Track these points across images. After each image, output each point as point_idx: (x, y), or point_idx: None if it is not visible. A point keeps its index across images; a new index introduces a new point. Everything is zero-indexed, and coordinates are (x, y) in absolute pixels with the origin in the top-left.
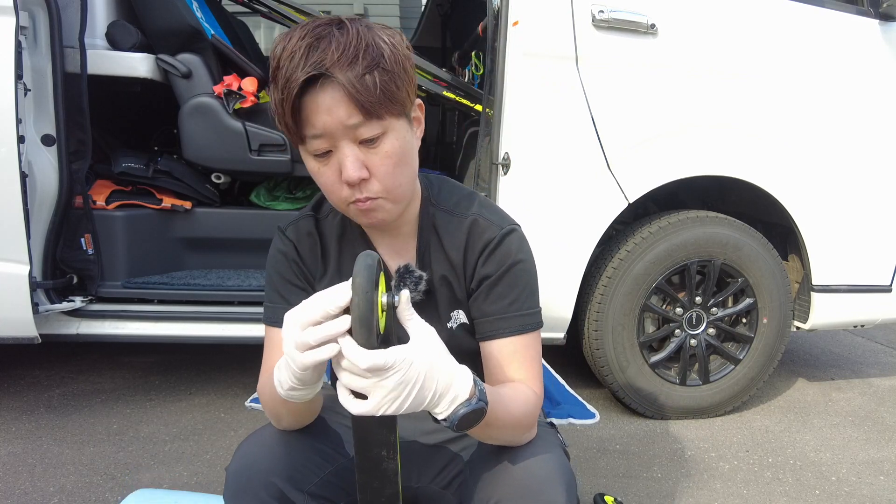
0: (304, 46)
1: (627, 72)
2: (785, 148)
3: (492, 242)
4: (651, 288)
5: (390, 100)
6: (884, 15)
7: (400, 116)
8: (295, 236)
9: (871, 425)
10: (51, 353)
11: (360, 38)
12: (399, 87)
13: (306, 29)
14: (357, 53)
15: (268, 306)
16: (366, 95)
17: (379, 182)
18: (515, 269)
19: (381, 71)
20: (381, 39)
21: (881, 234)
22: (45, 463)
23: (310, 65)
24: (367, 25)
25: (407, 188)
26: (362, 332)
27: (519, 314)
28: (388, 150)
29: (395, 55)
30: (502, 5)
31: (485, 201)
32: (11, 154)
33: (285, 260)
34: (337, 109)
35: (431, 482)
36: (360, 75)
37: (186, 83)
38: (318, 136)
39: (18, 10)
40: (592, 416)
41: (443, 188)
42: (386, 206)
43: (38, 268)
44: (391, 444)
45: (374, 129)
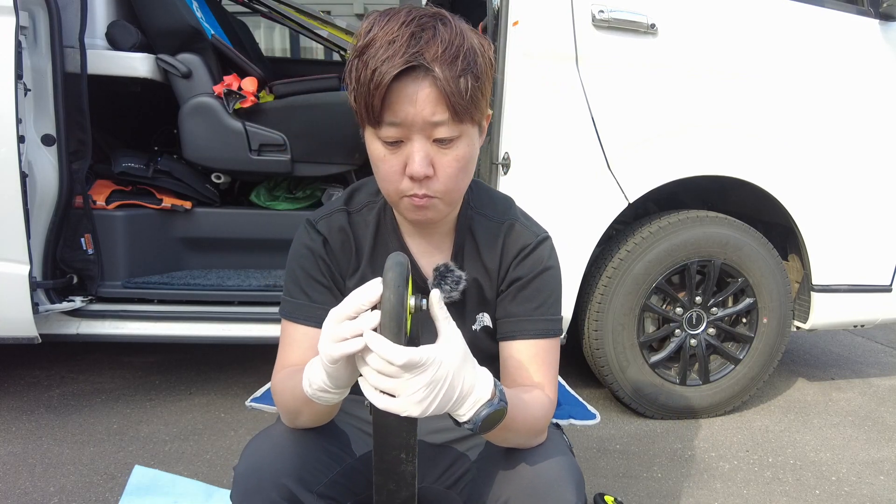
0: (407, 34)
1: (627, 72)
2: (785, 148)
3: (527, 247)
4: (651, 288)
5: (475, 106)
6: (884, 15)
7: (476, 124)
8: (327, 230)
9: (871, 425)
10: (51, 353)
11: (462, 38)
12: (483, 96)
13: (412, 15)
14: (458, 53)
15: (287, 300)
16: (457, 97)
17: (441, 183)
18: (545, 275)
19: (473, 76)
20: (476, 44)
21: (881, 233)
22: (45, 463)
23: (411, 54)
24: (466, 27)
25: (462, 192)
26: (392, 327)
27: (543, 318)
28: (458, 154)
29: (485, 64)
30: (502, 5)
31: (519, 208)
32: (11, 154)
33: (312, 256)
34: (425, 104)
35: (436, 481)
36: (456, 76)
37: (186, 83)
38: (397, 124)
39: (18, 10)
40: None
41: (480, 191)
42: (440, 206)
43: (39, 268)
44: (410, 447)
45: (452, 130)
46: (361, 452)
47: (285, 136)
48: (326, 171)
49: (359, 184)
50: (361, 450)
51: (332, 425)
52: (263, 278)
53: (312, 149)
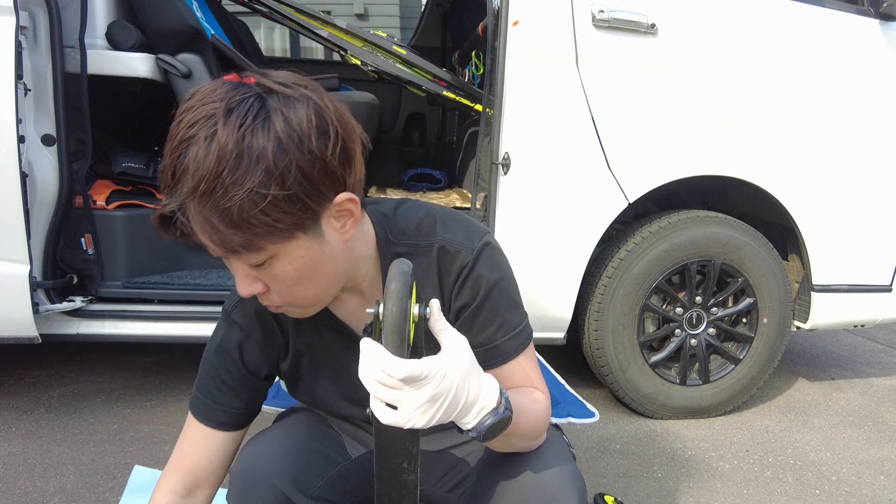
0: (173, 157)
1: (627, 72)
2: (785, 148)
3: (465, 269)
4: (651, 288)
5: (268, 231)
6: (884, 15)
7: (292, 237)
8: (242, 319)
9: (872, 425)
10: (51, 353)
11: (226, 155)
12: (287, 210)
13: (185, 120)
14: (220, 178)
15: (195, 393)
16: (228, 234)
17: (279, 297)
18: (493, 293)
19: (257, 196)
20: (272, 140)
21: (881, 233)
22: (45, 463)
23: (172, 189)
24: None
25: (318, 296)
26: (395, 340)
27: (508, 337)
28: (280, 274)
29: (289, 160)
30: (502, 5)
31: (445, 217)
32: (11, 154)
33: (222, 356)
34: (205, 239)
35: (436, 486)
36: (221, 209)
37: (186, 83)
38: (206, 245)
39: (18, 10)
40: (592, 415)
41: (398, 218)
42: (297, 311)
43: (39, 268)
44: (413, 456)
45: (255, 257)
46: (357, 454)
47: None
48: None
49: None
50: (357, 452)
51: (328, 428)
52: None
53: None
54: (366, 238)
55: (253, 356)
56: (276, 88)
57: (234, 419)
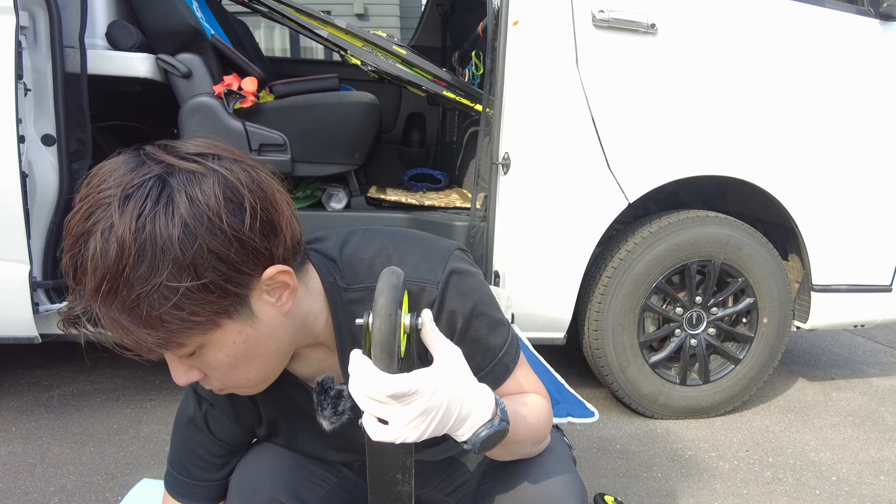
0: (75, 249)
1: (627, 72)
2: (785, 148)
3: (433, 307)
4: (651, 288)
5: (187, 326)
6: (884, 15)
7: (217, 326)
8: (208, 392)
9: (872, 425)
10: (51, 353)
11: (125, 250)
12: (204, 299)
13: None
14: (116, 282)
15: (168, 469)
16: (140, 336)
17: (219, 382)
18: (471, 323)
19: (165, 292)
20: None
21: (881, 233)
22: (45, 463)
23: (75, 291)
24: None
25: (262, 375)
26: (383, 357)
27: (495, 362)
28: (212, 363)
29: (195, 242)
30: (502, 5)
31: (401, 249)
32: (11, 154)
33: (193, 428)
34: (122, 340)
35: (435, 489)
36: (126, 312)
37: (186, 83)
38: None
39: (18, 9)
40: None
41: (347, 259)
42: (244, 391)
43: (39, 268)
44: (407, 468)
45: (179, 351)
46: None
47: (285, 136)
48: (326, 171)
49: None
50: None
51: None
52: None
53: (312, 149)
54: (312, 295)
55: (223, 428)
56: (178, 165)
57: (218, 491)
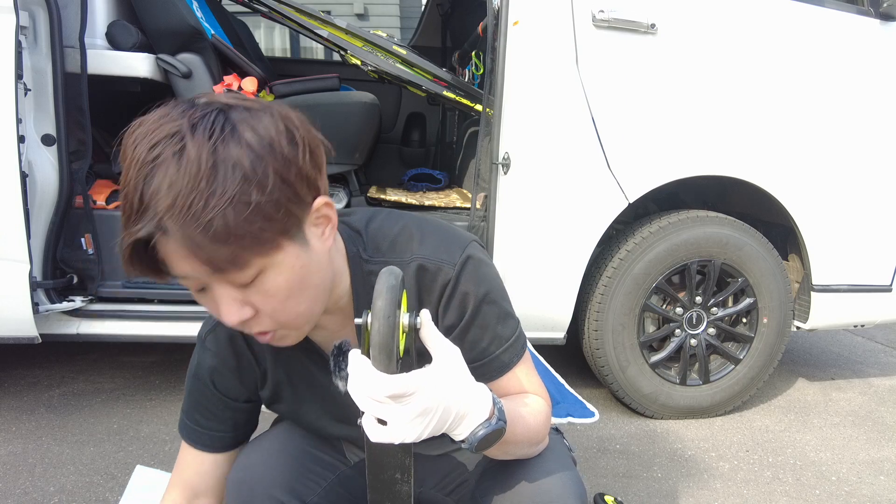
0: (138, 180)
1: (627, 72)
2: (785, 148)
3: (447, 287)
4: (651, 288)
5: (255, 242)
6: (884, 15)
7: (279, 248)
8: (215, 346)
9: (871, 425)
10: (51, 353)
11: (202, 165)
12: (270, 217)
13: (143, 145)
14: (197, 192)
15: (182, 417)
16: (213, 250)
17: (269, 318)
18: (482, 308)
19: (239, 206)
20: (244, 147)
21: (881, 233)
22: (45, 463)
23: (143, 215)
24: (225, 126)
25: (311, 311)
26: (382, 358)
27: (501, 350)
28: (270, 289)
29: (265, 166)
30: (502, 5)
31: (423, 231)
32: (11, 154)
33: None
34: (186, 263)
35: (434, 488)
36: (203, 224)
37: (186, 83)
38: (184, 278)
39: (18, 9)
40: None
41: (371, 234)
42: (289, 334)
43: (39, 267)
44: (406, 467)
45: (243, 274)
46: (356, 460)
47: None
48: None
49: None
50: (356, 457)
51: None
52: None
53: None
54: (339, 254)
55: (227, 384)
56: (234, 103)
57: (222, 443)
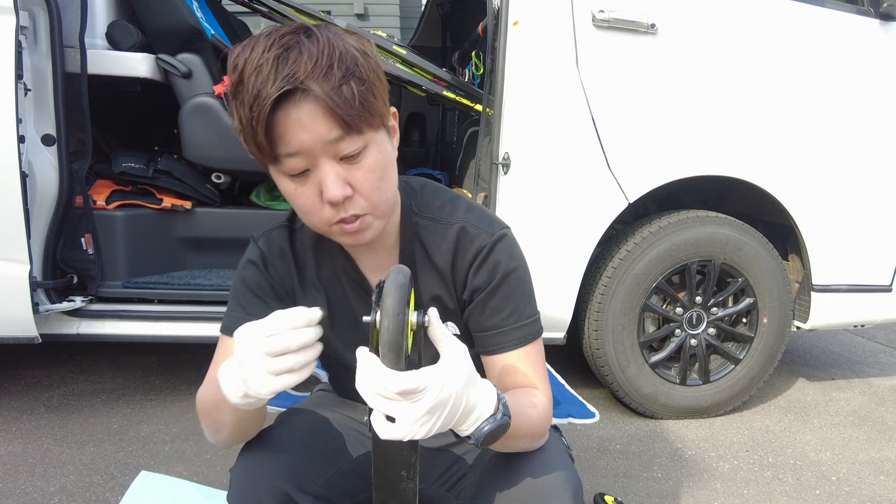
0: (271, 58)
1: (627, 72)
2: (785, 148)
3: (482, 251)
4: (651, 288)
5: (369, 111)
6: (884, 15)
7: (379, 128)
8: (266, 248)
9: (872, 425)
10: (51, 353)
11: (332, 46)
12: (376, 97)
13: (271, 38)
14: (331, 62)
15: (226, 315)
16: (345, 108)
17: (364, 198)
18: (510, 279)
19: (358, 80)
20: (352, 46)
21: (881, 234)
22: (45, 463)
23: (282, 78)
24: (335, 31)
25: (392, 201)
26: (391, 355)
27: (519, 325)
28: (371, 164)
29: (368, 63)
30: (502, 5)
31: (471, 204)
32: (11, 154)
33: (253, 268)
34: (315, 125)
35: (433, 484)
36: (336, 86)
37: (186, 83)
38: (295, 154)
39: (18, 9)
40: (592, 416)
41: (425, 193)
42: (374, 223)
43: (39, 268)
44: (412, 464)
45: (355, 143)
46: (358, 454)
47: None
48: None
49: None
50: (357, 451)
51: (328, 426)
52: None
53: None
54: (396, 201)
55: (277, 277)
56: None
57: None
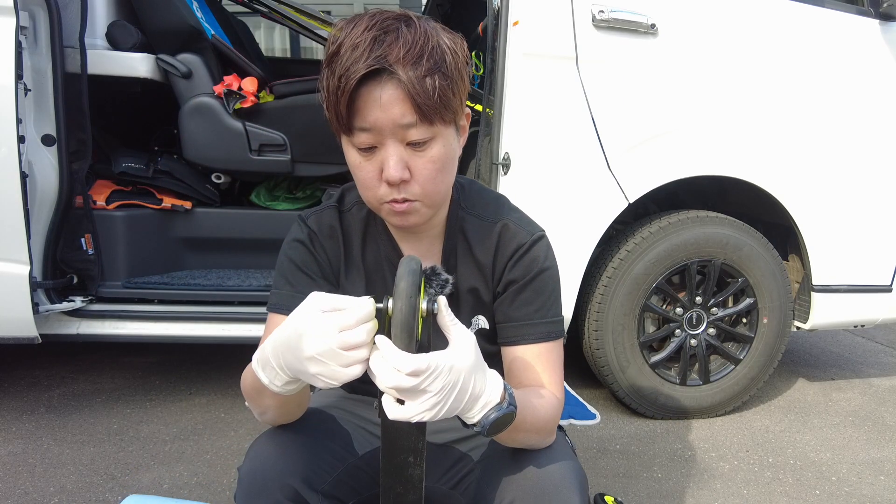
0: (369, 38)
1: (627, 72)
2: (785, 148)
3: (522, 248)
4: (651, 288)
5: (445, 106)
6: (884, 15)
7: (450, 124)
8: (316, 226)
9: (872, 425)
10: (51, 353)
11: (427, 38)
12: (455, 95)
13: (375, 20)
14: (422, 53)
15: (273, 293)
16: (424, 98)
17: (419, 185)
18: (543, 276)
19: (442, 75)
20: (445, 43)
21: (881, 234)
22: (45, 463)
23: (373, 58)
24: (434, 26)
25: (444, 194)
26: (403, 337)
27: (544, 321)
28: (434, 156)
29: (455, 61)
30: (502, 5)
31: (512, 206)
32: (11, 154)
33: (301, 247)
34: (392, 107)
35: (439, 481)
36: (421, 77)
37: (186, 83)
38: (367, 129)
39: (18, 10)
40: (593, 417)
41: (472, 191)
42: (421, 209)
43: (39, 268)
44: (419, 450)
45: (424, 132)
46: (364, 451)
47: (285, 136)
48: (326, 171)
49: (352, 183)
50: (364, 448)
51: (335, 424)
52: (263, 278)
53: (312, 149)
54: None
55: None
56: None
57: None
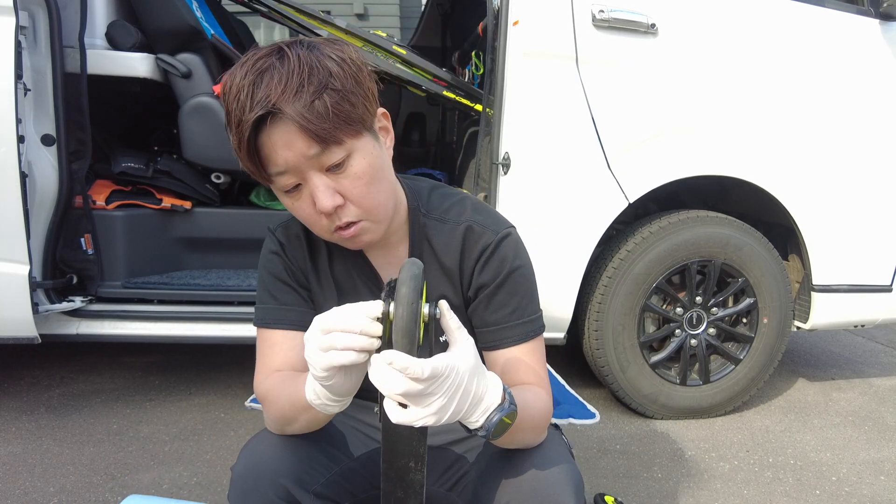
0: (247, 85)
1: (627, 72)
2: (785, 148)
3: (488, 249)
4: (651, 288)
5: (346, 121)
6: (884, 15)
7: (361, 134)
8: (284, 237)
9: (872, 425)
10: (51, 353)
11: (301, 64)
12: (354, 104)
13: (247, 65)
14: (301, 81)
15: (258, 307)
16: (318, 123)
17: (356, 205)
18: (514, 276)
19: (331, 92)
20: (326, 58)
21: (881, 234)
22: (45, 463)
23: (256, 104)
24: (310, 46)
25: (387, 204)
26: (405, 342)
27: (521, 322)
28: (358, 172)
29: (344, 71)
30: (502, 5)
31: (478, 205)
32: (11, 154)
33: (276, 258)
34: (294, 143)
35: (435, 484)
36: (308, 104)
37: (186, 83)
38: (283, 172)
39: (18, 9)
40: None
41: (433, 195)
42: (371, 227)
43: (38, 268)
44: (420, 455)
45: (336, 154)
46: (359, 453)
47: None
48: None
49: None
50: (359, 450)
51: (330, 426)
52: None
53: None
54: (399, 203)
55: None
56: (308, 40)
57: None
